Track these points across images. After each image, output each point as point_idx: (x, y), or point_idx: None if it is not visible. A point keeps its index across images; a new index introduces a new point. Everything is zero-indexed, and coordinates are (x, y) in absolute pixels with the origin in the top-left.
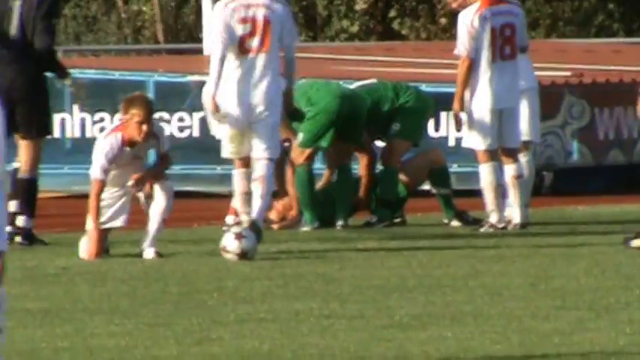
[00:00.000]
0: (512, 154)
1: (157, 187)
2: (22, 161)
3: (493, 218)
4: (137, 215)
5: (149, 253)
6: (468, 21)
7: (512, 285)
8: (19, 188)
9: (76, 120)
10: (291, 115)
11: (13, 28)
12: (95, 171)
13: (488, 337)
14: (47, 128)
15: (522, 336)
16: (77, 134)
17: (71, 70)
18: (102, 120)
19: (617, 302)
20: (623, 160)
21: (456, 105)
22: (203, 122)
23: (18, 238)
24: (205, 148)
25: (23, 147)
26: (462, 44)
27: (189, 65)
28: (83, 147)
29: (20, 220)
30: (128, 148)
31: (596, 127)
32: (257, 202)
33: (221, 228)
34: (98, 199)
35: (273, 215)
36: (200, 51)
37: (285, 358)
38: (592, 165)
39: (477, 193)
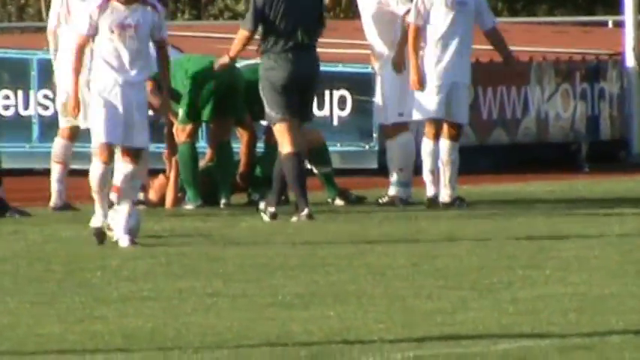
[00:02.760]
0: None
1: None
2: None
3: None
4: (28, 193)
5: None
6: None
7: (395, 265)
8: None
9: None
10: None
11: None
12: (81, 27)
13: (372, 316)
14: None
15: (405, 315)
16: None
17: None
18: None
19: (500, 282)
20: (507, 140)
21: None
22: None
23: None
24: None
25: None
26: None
27: None
28: None
29: None
30: (117, 3)
31: (480, 107)
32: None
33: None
34: (80, 54)
35: (152, 195)
36: None
37: (169, 336)
38: (476, 144)
39: (359, 172)
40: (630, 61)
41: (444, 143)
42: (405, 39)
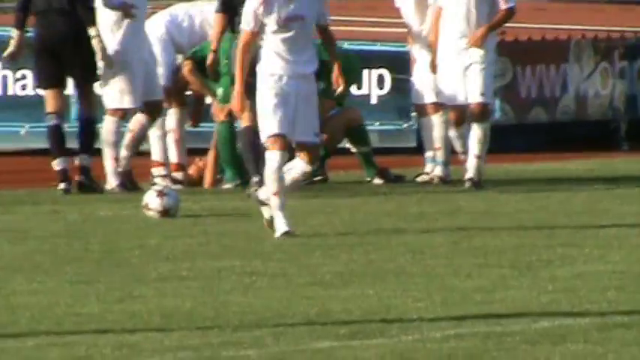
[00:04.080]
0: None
1: None
2: (84, 105)
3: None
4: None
5: None
6: None
7: (434, 243)
8: (83, 127)
9: None
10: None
11: None
12: (245, 23)
13: (411, 294)
14: (96, 74)
15: (444, 294)
16: None
17: None
18: (24, 77)
19: (539, 260)
20: (545, 119)
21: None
22: None
23: (78, 177)
24: None
25: (82, 93)
26: None
27: None
28: (4, 105)
29: (80, 159)
30: None
31: (519, 85)
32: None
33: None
34: (247, 51)
35: (192, 170)
36: None
37: (207, 316)
38: (515, 123)
39: (397, 151)
40: None
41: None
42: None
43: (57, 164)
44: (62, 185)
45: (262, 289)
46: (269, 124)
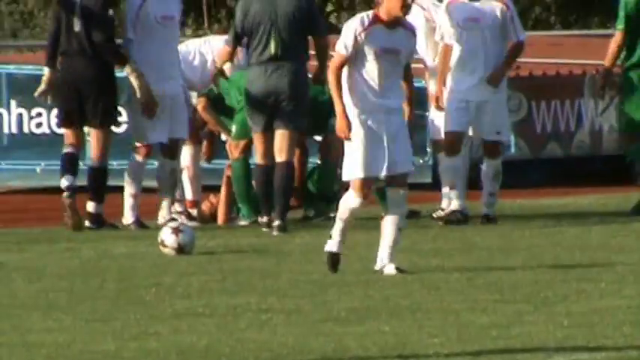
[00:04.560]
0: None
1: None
2: (93, 150)
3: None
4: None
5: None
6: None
7: (449, 279)
8: (89, 175)
9: (13, 116)
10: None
11: (76, 23)
12: (341, 46)
13: (427, 330)
14: (113, 118)
15: (460, 329)
16: (14, 130)
17: (10, 67)
18: (39, 115)
19: (555, 295)
20: (560, 154)
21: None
22: None
23: (87, 222)
24: None
25: (93, 136)
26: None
27: None
28: (20, 143)
29: (90, 206)
30: (382, 26)
31: (534, 120)
32: None
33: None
34: (340, 74)
35: (204, 207)
36: None
37: (223, 353)
38: (530, 158)
39: (413, 187)
40: None
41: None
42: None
43: (65, 180)
44: (65, 194)
45: (278, 325)
46: (356, 167)
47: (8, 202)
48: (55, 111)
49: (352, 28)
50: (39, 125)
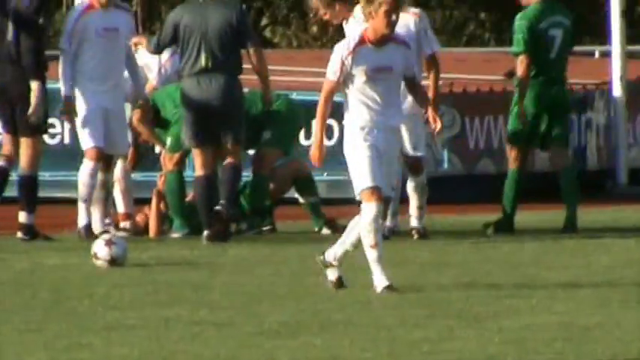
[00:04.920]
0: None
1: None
2: (22, 159)
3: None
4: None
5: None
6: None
7: (382, 294)
8: (20, 185)
9: None
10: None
11: (9, 29)
12: (330, 72)
13: (358, 345)
14: (43, 127)
15: (391, 344)
16: None
17: None
18: None
19: (486, 311)
20: (493, 170)
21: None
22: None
23: (19, 234)
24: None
25: (23, 145)
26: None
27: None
28: None
29: (22, 216)
30: (370, 45)
31: (467, 137)
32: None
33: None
34: (330, 101)
35: (139, 218)
36: None
37: None
38: (463, 174)
39: (346, 202)
40: (617, 91)
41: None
42: None
43: None
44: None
45: (210, 338)
46: (364, 177)
47: None
48: None
49: (339, 52)
50: None
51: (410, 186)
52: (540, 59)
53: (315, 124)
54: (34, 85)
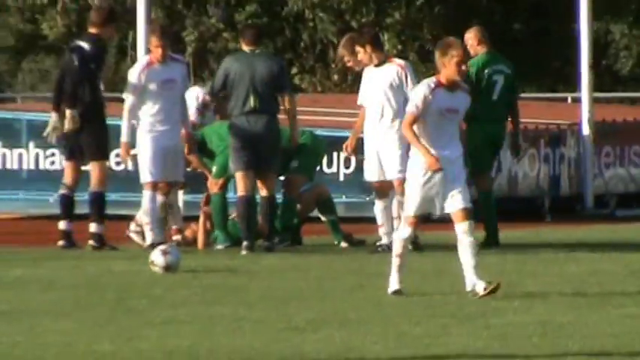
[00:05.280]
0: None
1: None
2: (92, 179)
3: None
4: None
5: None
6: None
7: (390, 297)
8: (91, 201)
9: (31, 155)
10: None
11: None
12: (411, 106)
13: (370, 338)
14: (107, 153)
15: (398, 338)
16: (32, 166)
17: (29, 114)
18: (53, 155)
19: (476, 311)
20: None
21: None
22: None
23: (90, 242)
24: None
25: (93, 168)
26: None
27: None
28: (36, 177)
29: (92, 227)
30: (444, 89)
31: None
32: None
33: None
34: (413, 130)
35: (188, 232)
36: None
37: (202, 354)
38: None
39: (361, 220)
40: (585, 130)
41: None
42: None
43: (63, 224)
44: (61, 242)
45: (247, 332)
46: (412, 206)
47: (26, 225)
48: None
49: (422, 91)
50: (52, 163)
51: (395, 203)
52: (484, 100)
53: (413, 144)
54: (67, 113)
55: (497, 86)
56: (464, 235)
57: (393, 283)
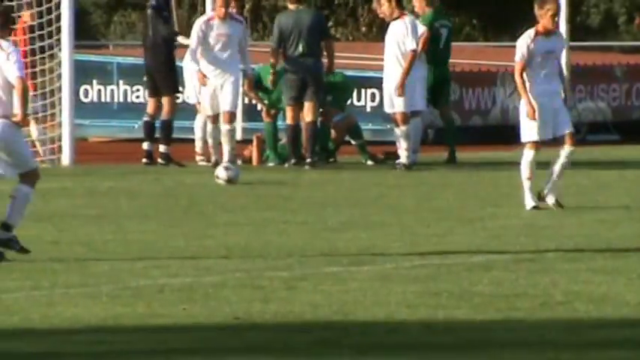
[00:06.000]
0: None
1: None
2: (164, 110)
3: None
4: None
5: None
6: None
7: (406, 203)
8: (162, 126)
9: (121, 90)
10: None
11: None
12: (519, 55)
13: (390, 237)
14: (177, 89)
15: (412, 237)
16: (121, 100)
17: (119, 58)
18: (138, 90)
19: (475, 216)
20: (481, 123)
21: None
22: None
23: (159, 160)
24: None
25: (164, 101)
26: None
27: None
28: (125, 108)
29: (161, 148)
30: (542, 36)
31: (464, 101)
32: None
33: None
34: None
35: (246, 152)
36: None
37: (256, 249)
38: (460, 126)
39: (382, 143)
40: (564, 72)
41: None
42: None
43: (146, 145)
44: (144, 160)
45: (292, 232)
46: (530, 132)
47: (116, 147)
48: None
49: (524, 42)
50: (137, 97)
51: (397, 132)
52: (433, 49)
53: (520, 91)
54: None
55: (442, 37)
56: (565, 157)
57: (529, 201)
